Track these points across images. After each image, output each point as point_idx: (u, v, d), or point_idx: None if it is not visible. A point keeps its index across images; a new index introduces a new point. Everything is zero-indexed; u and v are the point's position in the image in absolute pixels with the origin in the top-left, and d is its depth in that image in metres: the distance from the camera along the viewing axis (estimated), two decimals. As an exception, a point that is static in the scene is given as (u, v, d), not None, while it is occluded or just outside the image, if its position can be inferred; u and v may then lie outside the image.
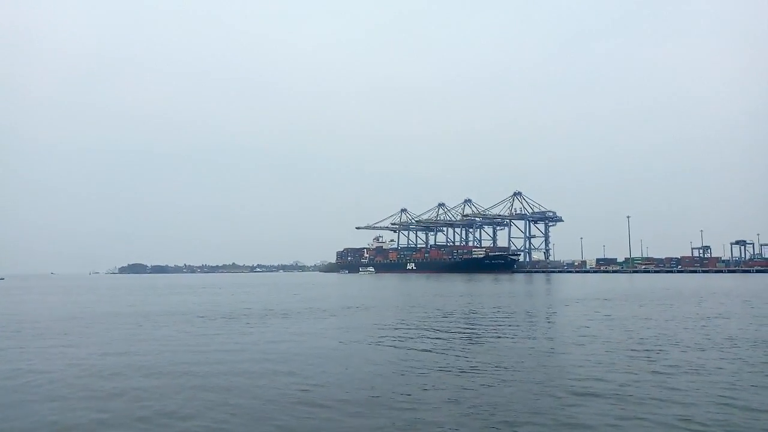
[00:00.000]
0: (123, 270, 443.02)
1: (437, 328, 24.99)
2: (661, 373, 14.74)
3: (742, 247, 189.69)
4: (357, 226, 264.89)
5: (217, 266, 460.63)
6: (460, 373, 14.95)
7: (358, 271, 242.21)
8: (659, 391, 12.84)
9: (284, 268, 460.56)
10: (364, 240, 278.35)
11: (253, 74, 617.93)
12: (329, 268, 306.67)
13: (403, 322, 28.31)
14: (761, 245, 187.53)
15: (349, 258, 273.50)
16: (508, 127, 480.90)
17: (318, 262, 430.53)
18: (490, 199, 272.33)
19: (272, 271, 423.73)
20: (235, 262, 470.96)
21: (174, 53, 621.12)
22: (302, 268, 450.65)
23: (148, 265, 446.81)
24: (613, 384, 13.42)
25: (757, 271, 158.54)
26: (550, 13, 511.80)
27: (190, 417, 11.05)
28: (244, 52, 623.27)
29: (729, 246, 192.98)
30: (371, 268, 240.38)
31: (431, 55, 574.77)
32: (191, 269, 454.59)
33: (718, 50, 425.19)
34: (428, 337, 22.03)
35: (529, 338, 22.18)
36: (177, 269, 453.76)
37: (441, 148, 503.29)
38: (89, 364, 17.14)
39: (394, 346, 19.90)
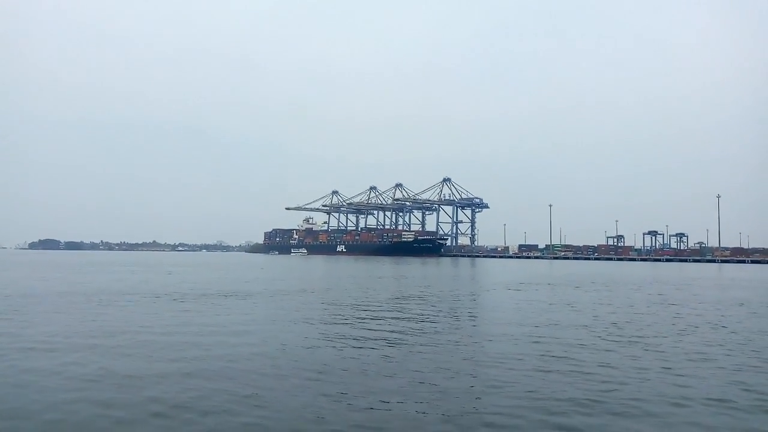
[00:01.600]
0: (33, 246, 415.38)
1: (369, 309, 25.00)
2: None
3: (654, 237, 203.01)
4: (287, 206, 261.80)
5: (136, 244, 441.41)
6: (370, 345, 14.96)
7: (290, 252, 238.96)
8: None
9: (208, 247, 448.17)
10: (293, 221, 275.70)
11: (170, 39, 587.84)
12: (256, 249, 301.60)
13: (363, 304, 28.10)
14: (670, 236, 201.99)
15: (277, 239, 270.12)
16: (436, 117, 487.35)
17: (243, 242, 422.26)
18: (420, 185, 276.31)
19: (195, 251, 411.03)
20: (156, 240, 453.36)
21: (84, 17, 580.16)
22: (227, 248, 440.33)
23: (62, 241, 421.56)
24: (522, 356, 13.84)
25: (667, 260, 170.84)
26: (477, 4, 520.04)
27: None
28: (158, 14, 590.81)
29: (641, 236, 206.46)
30: (304, 250, 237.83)
31: (363, 42, 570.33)
32: (109, 246, 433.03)
33: (632, 52, 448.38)
34: (363, 319, 22.00)
35: (455, 327, 22.59)
36: (93, 246, 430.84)
37: (372, 135, 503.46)
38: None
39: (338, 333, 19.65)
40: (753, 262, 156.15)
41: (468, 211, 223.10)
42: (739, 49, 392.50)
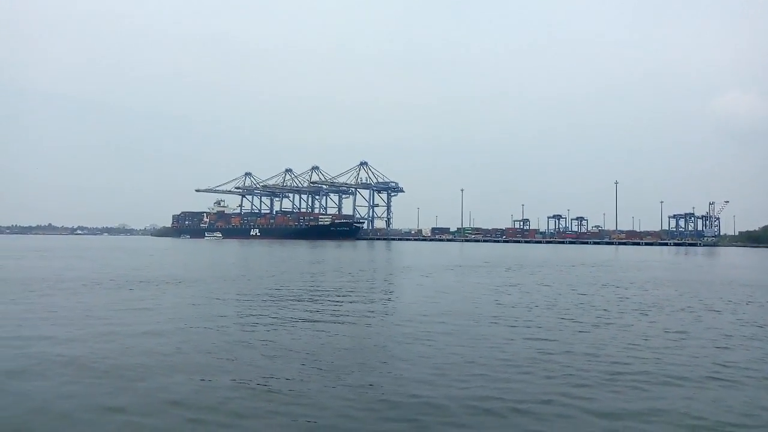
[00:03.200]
0: None
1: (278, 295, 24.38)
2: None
3: (557, 221, 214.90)
4: (197, 188, 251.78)
5: (30, 227, 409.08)
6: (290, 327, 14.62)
7: (203, 236, 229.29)
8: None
9: (109, 231, 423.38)
10: (203, 204, 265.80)
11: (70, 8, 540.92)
12: (163, 233, 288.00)
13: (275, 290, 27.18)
14: (571, 219, 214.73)
15: (187, 222, 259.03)
16: (350, 100, 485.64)
17: (148, 225, 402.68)
18: (337, 169, 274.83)
19: (96, 234, 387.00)
20: (52, 223, 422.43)
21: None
22: (130, 232, 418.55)
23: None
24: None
25: (570, 242, 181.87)
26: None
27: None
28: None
29: (545, 219, 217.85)
30: (218, 233, 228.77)
31: (274, 17, 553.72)
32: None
33: (545, 44, 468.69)
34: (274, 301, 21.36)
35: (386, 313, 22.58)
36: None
37: (287, 115, 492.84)
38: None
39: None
40: (646, 244, 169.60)
41: (384, 195, 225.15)
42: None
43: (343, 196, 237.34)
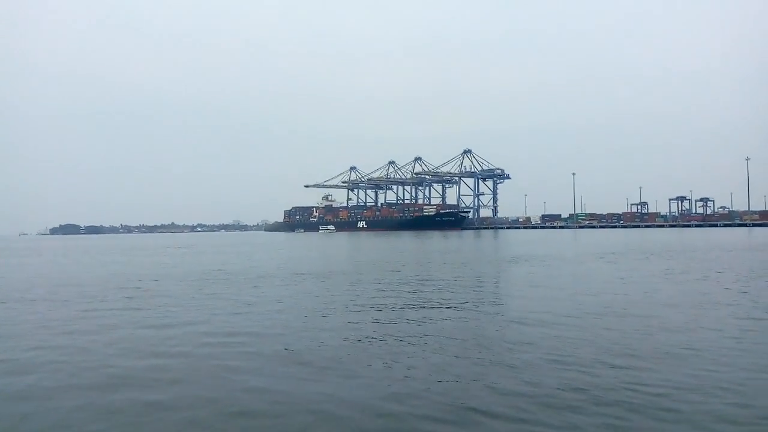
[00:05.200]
0: (54, 231, 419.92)
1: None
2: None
3: (680, 203, 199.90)
4: (306, 184, 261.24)
5: (155, 226, 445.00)
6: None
7: (317, 229, 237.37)
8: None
9: (225, 227, 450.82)
10: (310, 199, 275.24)
11: (173, 22, 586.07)
12: (276, 228, 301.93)
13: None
14: (695, 201, 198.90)
15: (297, 217, 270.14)
16: (451, 89, 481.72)
17: (260, 221, 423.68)
18: (439, 159, 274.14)
19: (214, 231, 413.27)
20: (174, 222, 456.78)
21: (96, 4, 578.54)
22: (244, 228, 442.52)
23: (82, 225, 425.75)
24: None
25: (696, 226, 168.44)
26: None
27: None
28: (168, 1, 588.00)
29: (665, 202, 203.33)
30: (331, 227, 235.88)
31: (371, 18, 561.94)
32: (128, 229, 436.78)
33: (666, 16, 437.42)
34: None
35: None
36: (113, 230, 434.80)
37: (389, 110, 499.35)
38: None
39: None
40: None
41: (489, 183, 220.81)
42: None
43: (447, 185, 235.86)
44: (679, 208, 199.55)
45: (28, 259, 55.73)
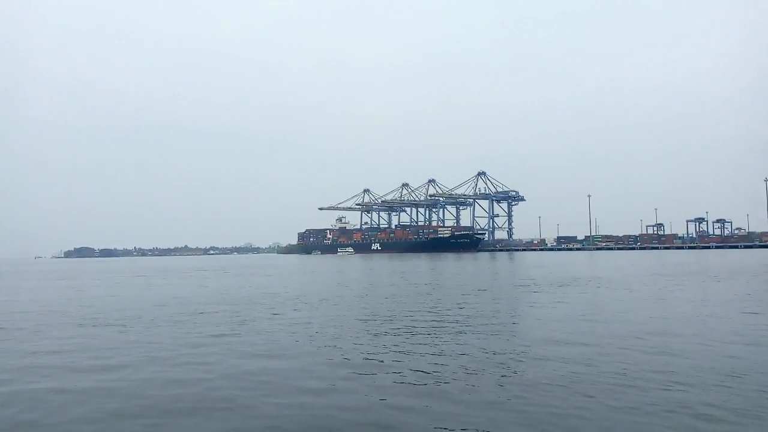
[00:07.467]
0: (69, 254, 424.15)
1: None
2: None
3: (698, 224, 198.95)
4: (320, 206, 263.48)
5: (168, 249, 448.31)
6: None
7: (335, 251, 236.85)
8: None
9: (237, 250, 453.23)
10: (323, 221, 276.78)
11: (185, 43, 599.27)
12: (288, 250, 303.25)
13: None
14: (712, 222, 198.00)
15: (311, 239, 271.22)
16: (461, 109, 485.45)
17: (272, 243, 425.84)
18: (453, 180, 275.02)
19: (226, 254, 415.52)
20: (188, 245, 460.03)
21: (120, 25, 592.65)
22: (256, 250, 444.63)
23: (96, 248, 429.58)
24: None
25: (716, 247, 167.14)
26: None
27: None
28: (180, 21, 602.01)
29: (681, 223, 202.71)
30: (350, 249, 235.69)
31: (381, 38, 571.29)
32: (142, 252, 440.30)
33: (662, 39, 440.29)
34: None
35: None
36: (127, 253, 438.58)
37: (399, 130, 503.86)
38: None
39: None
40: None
41: (504, 205, 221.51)
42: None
43: (461, 207, 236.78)
44: (697, 230, 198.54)
45: (82, 281, 56.09)
